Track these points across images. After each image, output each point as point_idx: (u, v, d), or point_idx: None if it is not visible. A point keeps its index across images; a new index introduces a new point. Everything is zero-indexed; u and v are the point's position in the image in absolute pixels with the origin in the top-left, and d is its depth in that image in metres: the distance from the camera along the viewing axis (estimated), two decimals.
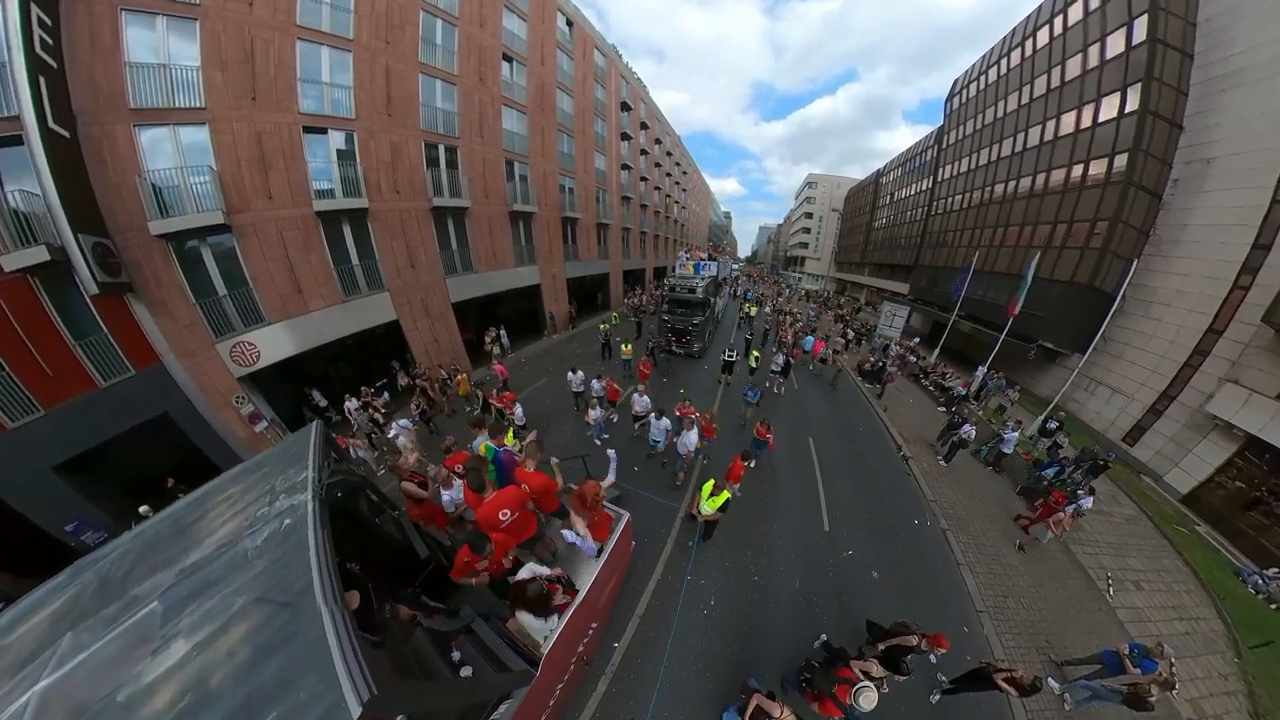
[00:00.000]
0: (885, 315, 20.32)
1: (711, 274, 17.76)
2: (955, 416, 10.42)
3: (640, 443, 8.47)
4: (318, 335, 9.09)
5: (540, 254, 17.38)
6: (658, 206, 36.11)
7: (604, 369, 13.15)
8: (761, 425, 7.32)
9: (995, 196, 21.08)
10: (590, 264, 22.97)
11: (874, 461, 9.36)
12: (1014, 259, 18.59)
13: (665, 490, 7.32)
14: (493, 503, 3.61)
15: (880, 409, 12.54)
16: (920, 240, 30.87)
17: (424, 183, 11.20)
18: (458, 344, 13.36)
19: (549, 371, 13.46)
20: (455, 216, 12.68)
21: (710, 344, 17.29)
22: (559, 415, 9.97)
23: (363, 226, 9.97)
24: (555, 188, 18.15)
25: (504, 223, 14.87)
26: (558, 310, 19.25)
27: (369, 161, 9.75)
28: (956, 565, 6.61)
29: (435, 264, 11.96)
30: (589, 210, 21.90)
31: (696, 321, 14.72)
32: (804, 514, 7.20)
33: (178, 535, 2.91)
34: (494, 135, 13.81)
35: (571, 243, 20.41)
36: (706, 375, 13.75)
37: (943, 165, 28.02)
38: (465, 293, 13.15)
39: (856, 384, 15.15)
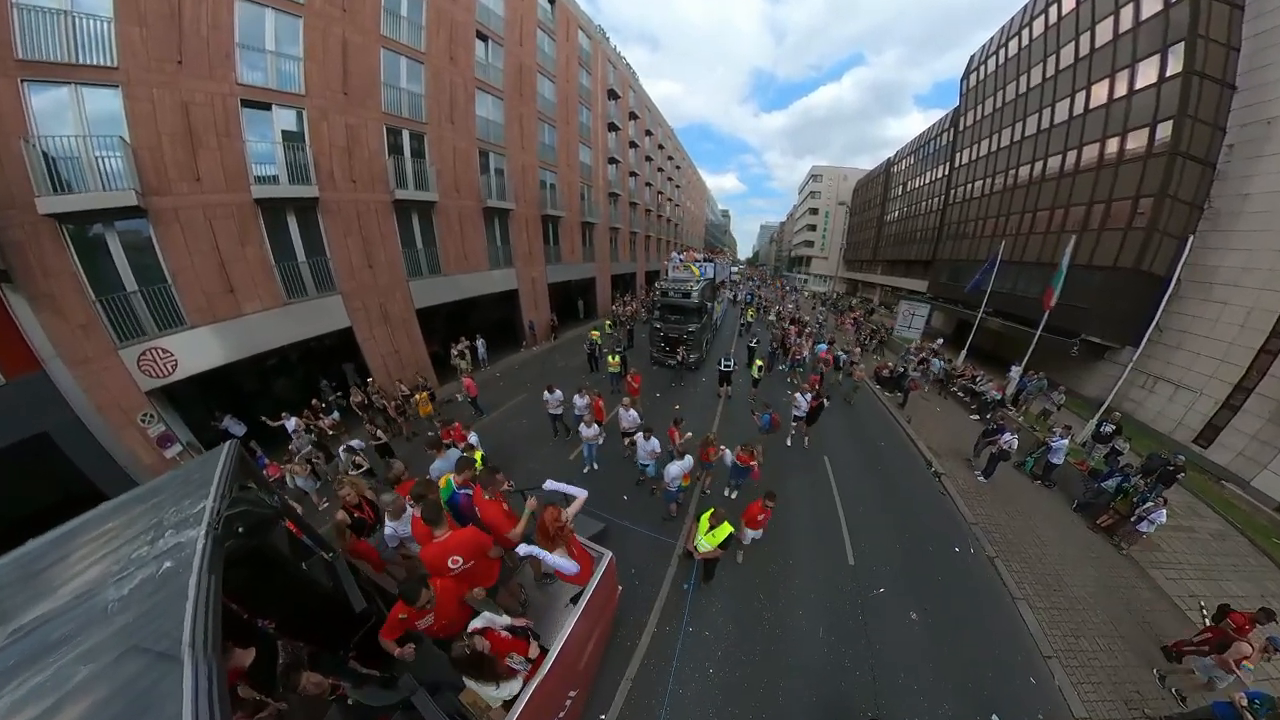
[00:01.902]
0: (903, 316, 20.41)
1: (708, 277, 17.85)
2: (991, 425, 10.22)
3: (629, 465, 8.28)
4: (253, 343, 8.64)
5: (518, 256, 17.39)
6: (649, 204, 36.53)
7: (589, 383, 13.03)
8: (744, 451, 6.91)
9: (1021, 179, 21.37)
10: (574, 267, 22.98)
11: (901, 481, 9.15)
12: (1046, 246, 18.71)
13: (657, 523, 7.06)
14: (443, 545, 3.30)
15: (904, 420, 12.44)
16: (938, 232, 31.33)
17: (385, 172, 11.04)
18: (422, 356, 13.05)
19: (527, 387, 13.39)
20: (421, 212, 12.55)
21: (708, 354, 17.34)
22: (537, 438, 9.80)
23: (312, 219, 9.67)
24: (535, 182, 18.24)
25: (477, 220, 14.81)
26: (538, 318, 19.23)
27: (321, 145, 9.50)
28: (1012, 600, 6.25)
29: (397, 264, 11.77)
30: (573, 208, 21.95)
31: (691, 329, 14.69)
32: (823, 546, 6.93)
33: (23, 583, 2.45)
34: (466, 122, 13.81)
35: (553, 244, 20.51)
36: (705, 389, 13.70)
37: (960, 149, 28.58)
38: (432, 298, 13.01)
39: (874, 393, 15.14)
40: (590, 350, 14.83)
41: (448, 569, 3.35)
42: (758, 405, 10.10)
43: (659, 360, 15.40)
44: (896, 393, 14.53)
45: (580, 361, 15.83)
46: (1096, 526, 8.02)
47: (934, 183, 33.43)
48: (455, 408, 11.72)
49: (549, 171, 19.44)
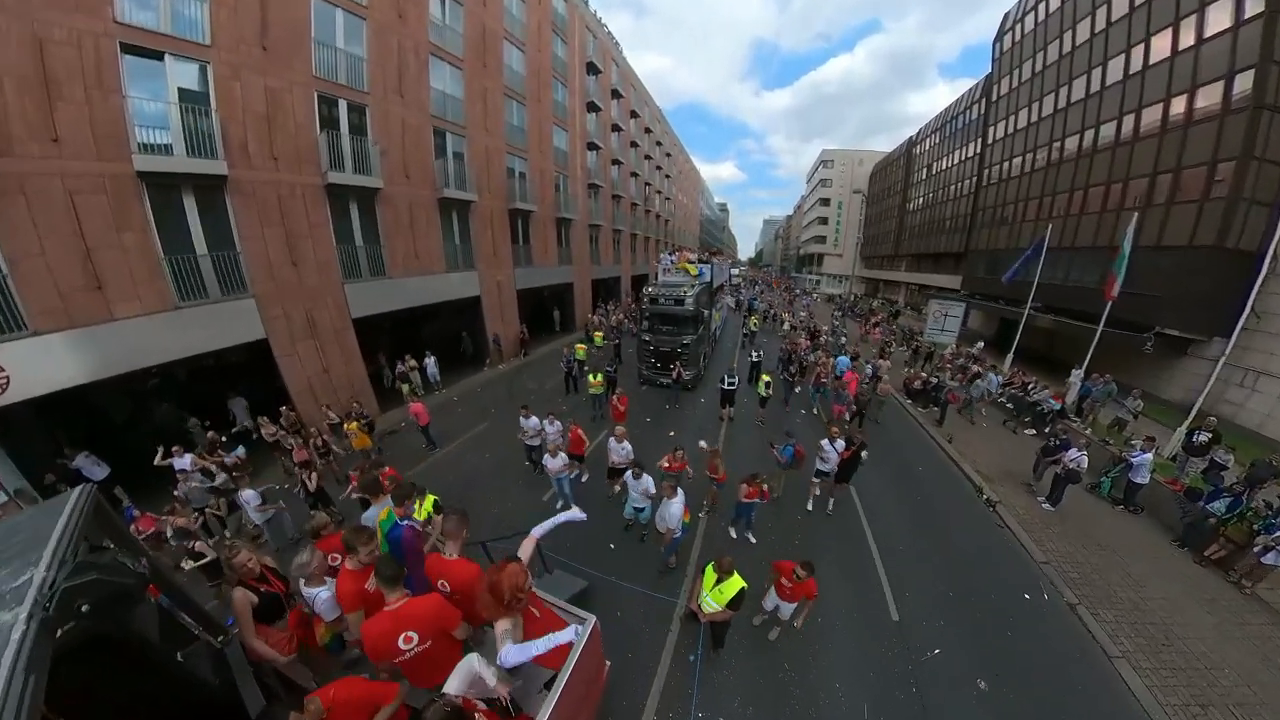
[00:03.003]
0: (934, 317, 20.59)
1: (704, 280, 18.04)
2: (1052, 440, 10.13)
3: (614, 507, 8.17)
4: (127, 356, 8.04)
5: (481, 256, 17.45)
6: (635, 198, 37.17)
7: (567, 408, 13.34)
8: (751, 484, 6.88)
9: (1068, 153, 21.94)
10: (548, 270, 23.04)
11: (947, 513, 9.05)
12: (1102, 228, 19.09)
13: (652, 576, 6.85)
14: (396, 616, 2.92)
15: (944, 439, 12.49)
16: (971, 219, 32.12)
17: (316, 150, 10.92)
18: (358, 376, 12.70)
19: (490, 413, 13.38)
20: (362, 200, 12.47)
21: (707, 370, 17.56)
22: (503, 477, 9.59)
23: (217, 202, 9.30)
24: (502, 170, 18.42)
25: (431, 213, 14.84)
26: (504, 331, 19.28)
27: (231, 110, 9.18)
28: (1107, 659, 5.96)
29: (330, 264, 11.56)
30: (546, 201, 22.12)
31: (686, 341, 14.79)
32: (859, 598, 6.71)
33: None
34: (418, 94, 13.87)
35: (523, 243, 20.67)
36: (704, 411, 13.77)
37: (994, 123, 29.51)
38: (373, 305, 12.89)
39: (904, 408, 15.12)
40: (569, 368, 14.87)
41: (398, 650, 2.93)
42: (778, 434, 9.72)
43: (649, 379, 15.51)
44: (932, 407, 14.60)
45: (556, 382, 15.85)
46: (1205, 559, 7.80)
47: (964, 163, 34.59)
48: (401, 440, 11.52)
49: (518, 157, 19.65)
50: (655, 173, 43.73)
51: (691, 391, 15.31)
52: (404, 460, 10.28)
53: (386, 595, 3.00)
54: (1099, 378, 14.44)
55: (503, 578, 2.88)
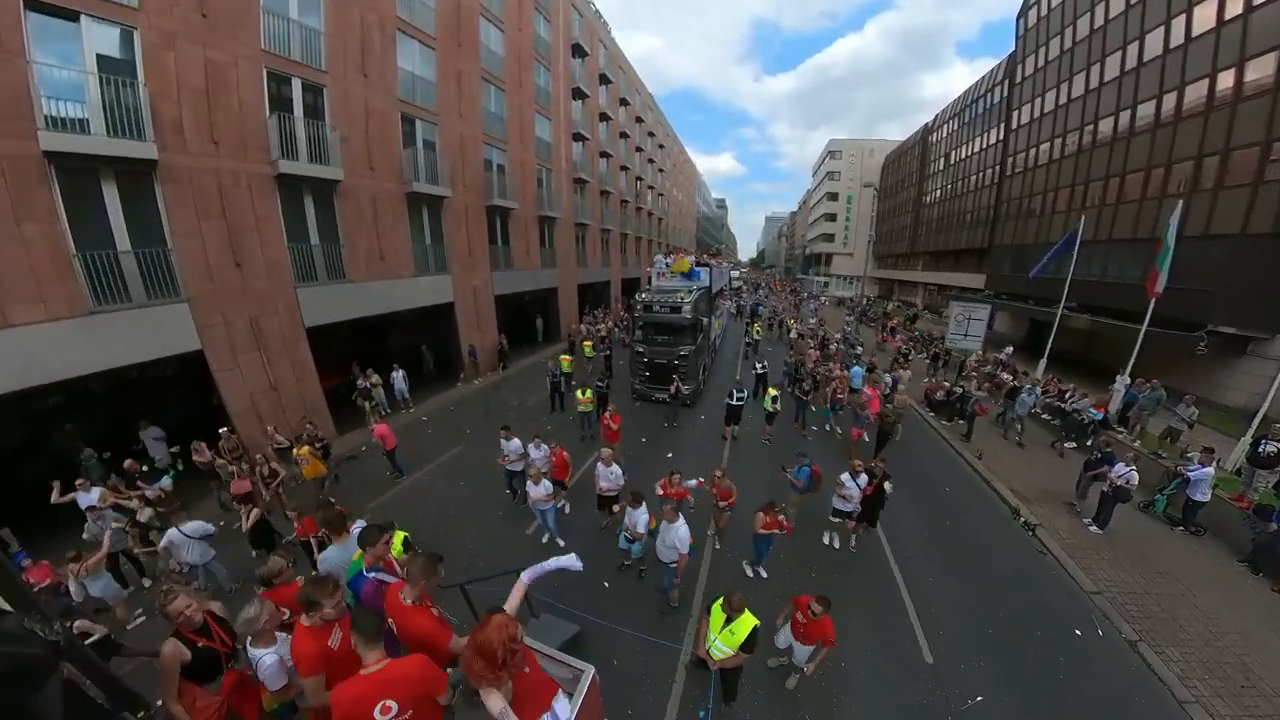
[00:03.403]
0: (956, 321, 20.72)
1: (703, 284, 18.16)
2: (1095, 454, 10.02)
3: (608, 541, 8.04)
4: (26, 371, 7.63)
5: (454, 258, 17.41)
6: (625, 194, 37.50)
7: (553, 427, 13.25)
8: (767, 512, 6.82)
9: (1102, 137, 22.25)
10: (530, 274, 23.03)
11: (980, 539, 8.98)
12: (1141, 217, 19.29)
13: (653, 618, 6.73)
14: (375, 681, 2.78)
15: (973, 455, 12.49)
16: (994, 212, 32.57)
17: (265, 134, 10.70)
18: (312, 393, 12.37)
19: (465, 435, 13.25)
20: (318, 193, 12.31)
21: (707, 383, 17.61)
22: (480, 508, 9.46)
23: (144, 191, 8.94)
24: (478, 162, 18.46)
25: (398, 209, 14.77)
26: (481, 341, 19.21)
27: (163, 84, 8.86)
28: (1178, 704, 5.81)
29: (280, 265, 11.33)
30: (527, 197, 22.15)
31: (684, 352, 14.86)
32: (886, 639, 6.60)
33: None
34: (383, 74, 13.84)
35: (502, 243, 20.69)
36: (705, 430, 13.76)
37: (1018, 106, 30.08)
38: (331, 312, 12.72)
39: (925, 421, 15.07)
40: (554, 383, 14.81)
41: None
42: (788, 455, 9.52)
43: (643, 394, 15.54)
44: (957, 420, 14.59)
45: (540, 399, 15.77)
46: None
47: (985, 151, 35.27)
48: (362, 467, 11.32)
49: (496, 148, 19.74)
50: (647, 166, 44.12)
51: (690, 408, 15.28)
52: (366, 490, 10.05)
53: (364, 655, 2.84)
54: (1145, 383, 14.33)
55: (490, 633, 2.67)
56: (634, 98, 38.40)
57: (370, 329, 16.40)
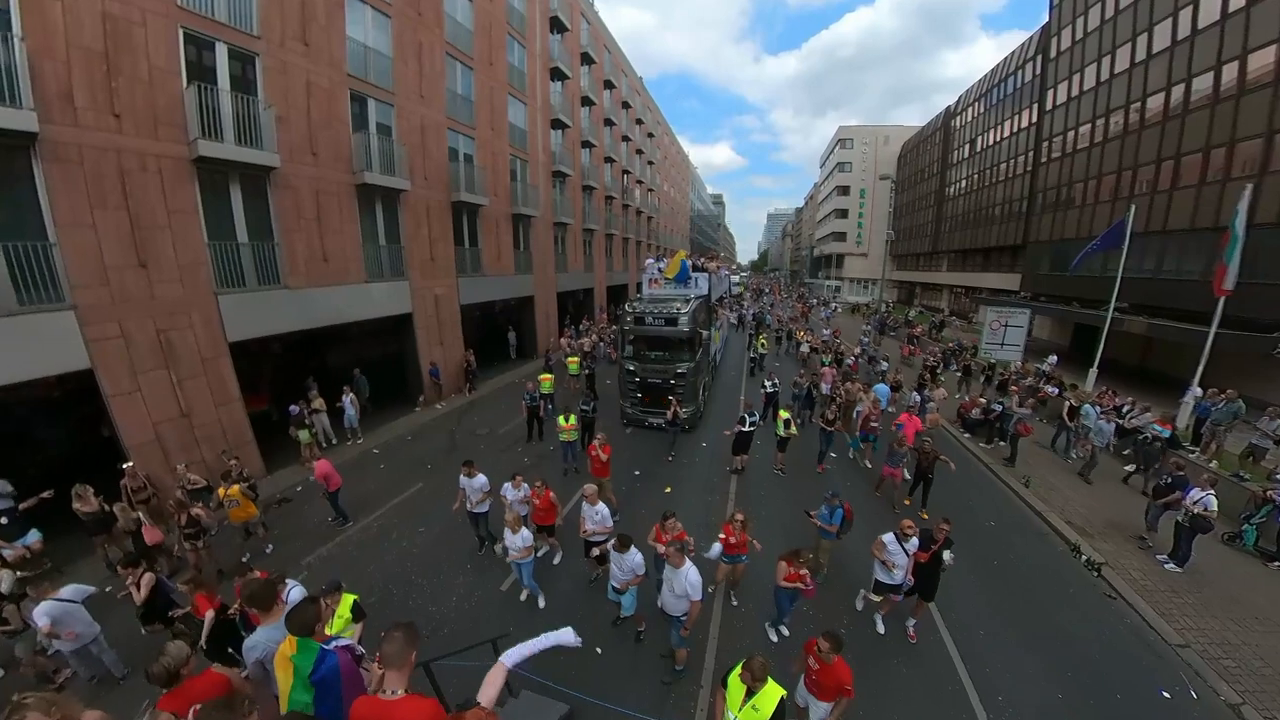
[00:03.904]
0: (990, 328, 20.65)
1: (700, 292, 18.33)
2: (1164, 478, 9.88)
3: (596, 595, 7.97)
4: None
5: (414, 261, 17.22)
6: (611, 189, 37.66)
7: (530, 459, 13.29)
8: (791, 562, 6.61)
9: (1151, 115, 22.40)
10: (502, 281, 22.89)
11: (1036, 581, 8.90)
12: (1202, 204, 19.30)
13: (655, 690, 6.54)
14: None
15: (1019, 483, 12.47)
16: (1028, 204, 33.00)
17: (181, 107, 10.26)
18: (236, 422, 11.81)
19: (426, 469, 13.04)
20: (248, 182, 11.94)
21: (708, 405, 17.75)
22: (445, 557, 9.25)
23: (19, 170, 8.45)
24: (442, 151, 18.35)
25: (346, 203, 14.52)
26: (444, 358, 18.96)
27: (47, 42, 8.39)
28: None
29: (198, 267, 10.87)
30: (500, 192, 22.08)
31: (681, 370, 14.99)
32: (934, 708, 6.37)
33: None
34: (329, 45, 13.60)
35: (470, 245, 20.59)
36: (707, 460, 13.72)
37: (1053, 84, 30.59)
38: (262, 324, 12.37)
39: (960, 442, 15.20)
40: (532, 407, 14.64)
41: None
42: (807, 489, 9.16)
43: (635, 419, 15.67)
44: (998, 442, 14.71)
45: (514, 426, 15.75)
46: None
47: (1017, 135, 35.92)
48: (296, 511, 10.93)
49: (464, 135, 19.68)
50: (635, 158, 44.48)
51: (689, 433, 15.21)
52: (303, 540, 9.68)
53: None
54: (1220, 394, 14.05)
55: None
56: (620, 80, 38.67)
57: (311, 345, 16.19)
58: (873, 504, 11.13)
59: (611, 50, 37.24)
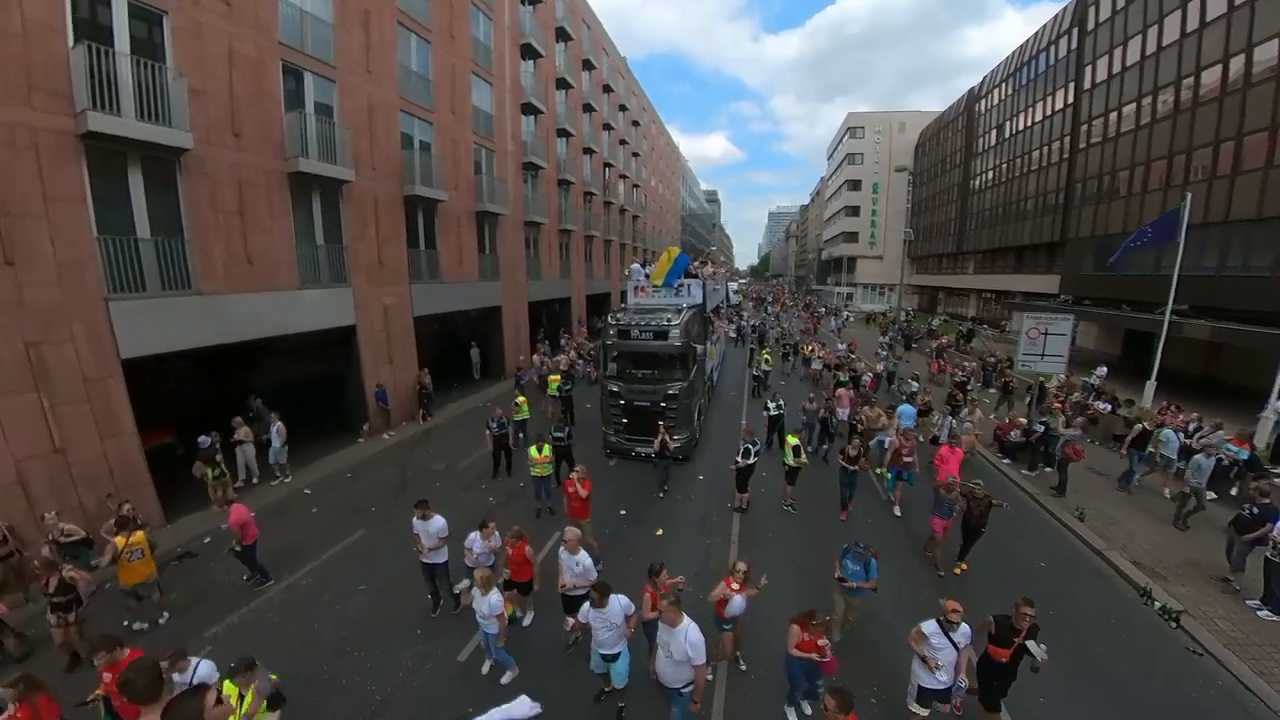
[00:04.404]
0: (1027, 338, 20.47)
1: (694, 302, 18.50)
2: (1247, 508, 9.70)
3: (577, 664, 7.73)
4: None
5: (358, 265, 17.00)
6: (591, 184, 37.70)
7: (497, 499, 13.22)
8: (805, 626, 6.27)
9: (1207, 90, 22.40)
10: (464, 289, 22.73)
11: (1100, 635, 8.66)
12: (1270, 189, 19.30)
13: None
14: None
15: (1071, 517, 12.33)
16: (1065, 195, 33.27)
17: (63, 72, 9.91)
18: (128, 458, 11.32)
19: (369, 514, 12.73)
20: (152, 165, 11.58)
21: (703, 431, 17.78)
22: (392, 621, 8.96)
23: None
24: (393, 136, 18.25)
25: (276, 195, 14.25)
26: (394, 380, 18.59)
27: None
28: None
29: (83, 266, 10.48)
30: (462, 186, 22.00)
31: (673, 391, 15.04)
32: None
33: None
34: (254, 5, 13.44)
35: (426, 247, 20.44)
36: (707, 492, 13.75)
37: (1092, 59, 30.93)
38: (165, 338, 11.97)
39: (995, 468, 15.24)
40: (500, 436, 14.39)
41: None
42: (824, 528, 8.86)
43: (619, 448, 15.71)
44: (1043, 469, 14.59)
45: (477, 459, 15.61)
46: None
47: (1050, 118, 36.42)
48: (202, 569, 10.49)
49: (419, 119, 19.59)
50: (618, 150, 44.75)
51: (685, 462, 15.22)
52: (209, 605, 9.22)
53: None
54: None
55: None
56: (600, 60, 38.93)
57: (229, 363, 15.91)
58: (905, 558, 10.74)
59: (591, 26, 37.53)
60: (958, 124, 52.13)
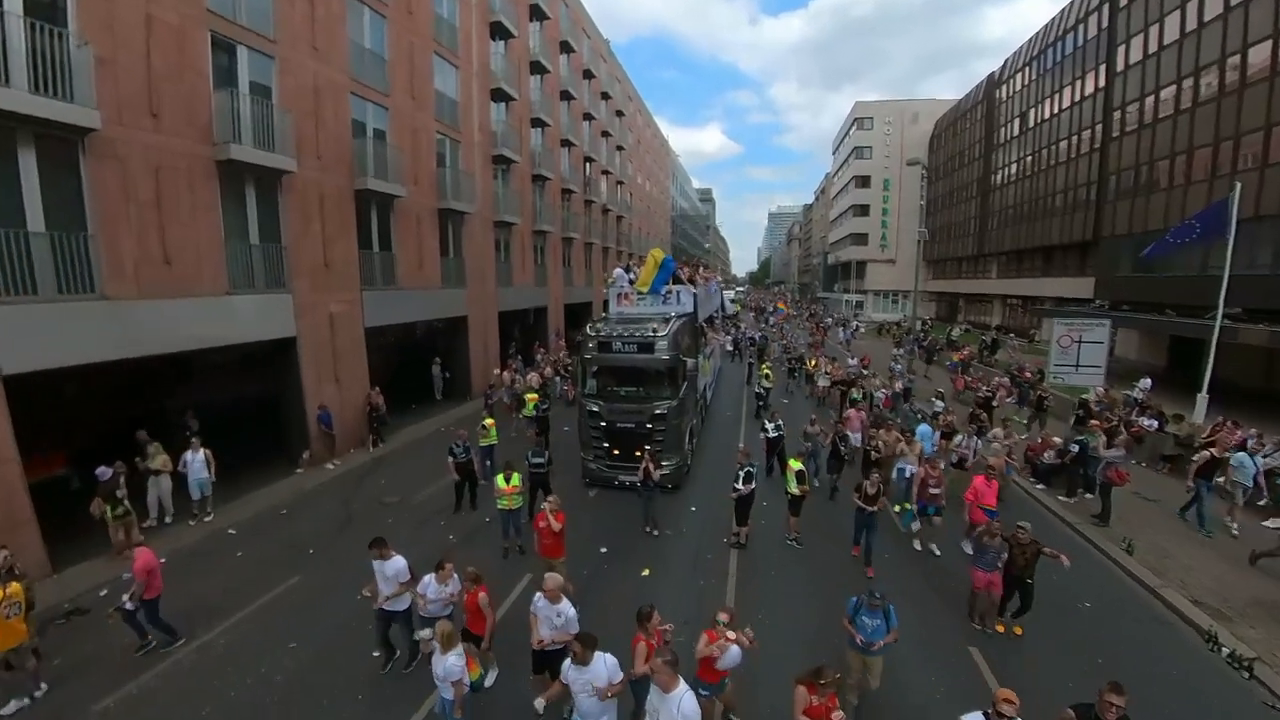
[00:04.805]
0: (1058, 346, 20.43)
1: (684, 311, 18.60)
2: None
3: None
4: None
5: (300, 268, 16.89)
6: (570, 181, 37.74)
7: (459, 536, 13.23)
8: (813, 688, 5.94)
9: (1257, 68, 22.49)
10: (423, 297, 22.63)
11: (1160, 687, 8.36)
12: None
13: None
14: None
15: (1118, 549, 12.20)
16: (1098, 189, 33.63)
17: None
18: (7, 490, 10.90)
19: (307, 557, 12.53)
20: (49, 146, 11.33)
21: (695, 453, 17.86)
22: (328, 691, 8.59)
23: None
24: (343, 121, 18.24)
25: (200, 184, 14.00)
26: (340, 400, 18.49)
27: None
28: None
29: None
30: (422, 181, 21.96)
31: (661, 411, 15.17)
32: None
33: None
34: None
35: (380, 248, 20.49)
36: (699, 527, 13.72)
37: (1124, 39, 31.27)
38: (60, 348, 11.67)
39: (1028, 494, 15.24)
40: (464, 464, 14.31)
41: None
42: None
43: (599, 477, 15.74)
44: (1082, 495, 14.54)
45: (437, 490, 15.53)
46: None
47: (1080, 104, 36.97)
48: (94, 626, 9.99)
49: (373, 104, 19.61)
50: (601, 142, 44.97)
51: (672, 492, 15.17)
52: (101, 672, 8.72)
53: None
54: None
55: None
56: (580, 41, 39.15)
57: (147, 382, 15.80)
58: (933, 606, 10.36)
59: (569, 4, 37.78)
60: (976, 113, 53.10)
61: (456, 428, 15.80)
